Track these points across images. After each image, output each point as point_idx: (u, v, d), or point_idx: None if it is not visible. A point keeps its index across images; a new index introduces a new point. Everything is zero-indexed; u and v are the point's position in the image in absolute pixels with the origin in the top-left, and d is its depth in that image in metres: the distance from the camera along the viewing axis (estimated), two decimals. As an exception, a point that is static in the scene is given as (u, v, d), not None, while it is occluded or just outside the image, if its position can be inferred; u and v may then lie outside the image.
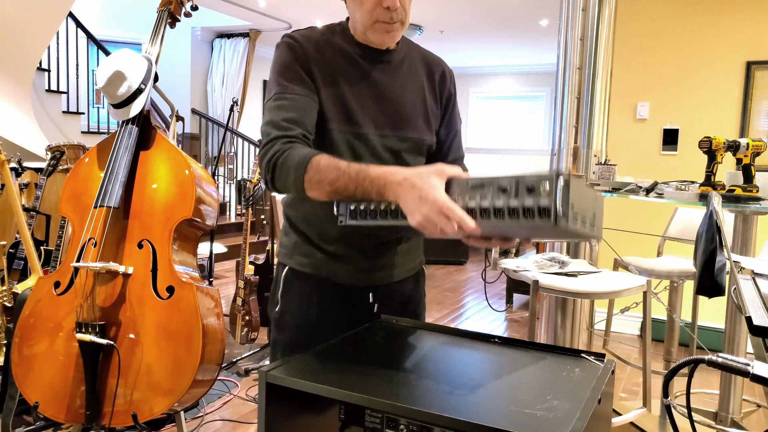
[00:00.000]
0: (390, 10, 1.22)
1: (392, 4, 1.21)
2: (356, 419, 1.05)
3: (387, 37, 1.27)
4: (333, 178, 1.08)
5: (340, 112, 1.25)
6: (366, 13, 1.23)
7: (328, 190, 1.09)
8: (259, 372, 0.96)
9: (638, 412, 2.51)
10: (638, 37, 3.98)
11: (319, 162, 1.10)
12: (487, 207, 0.95)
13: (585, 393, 0.91)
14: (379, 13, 1.22)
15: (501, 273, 2.58)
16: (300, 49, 1.25)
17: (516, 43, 8.04)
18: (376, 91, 1.29)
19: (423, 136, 1.35)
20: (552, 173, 0.89)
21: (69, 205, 2.02)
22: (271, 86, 1.26)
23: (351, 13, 1.28)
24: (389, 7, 1.21)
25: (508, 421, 0.81)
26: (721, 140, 2.29)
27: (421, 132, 1.34)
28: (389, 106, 1.30)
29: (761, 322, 0.87)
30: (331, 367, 1.00)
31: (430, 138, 1.37)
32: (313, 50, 1.26)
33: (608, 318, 3.13)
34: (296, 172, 1.12)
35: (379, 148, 1.28)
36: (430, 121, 1.36)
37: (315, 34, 1.29)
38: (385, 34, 1.26)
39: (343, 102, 1.26)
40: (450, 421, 0.82)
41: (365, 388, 0.92)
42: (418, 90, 1.36)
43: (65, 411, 1.85)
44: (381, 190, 1.04)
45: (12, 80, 4.96)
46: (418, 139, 1.34)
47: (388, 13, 1.22)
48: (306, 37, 1.28)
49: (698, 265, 1.70)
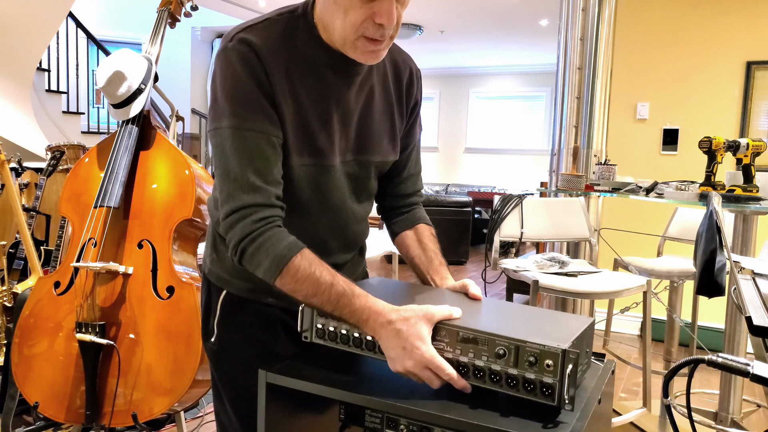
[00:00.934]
0: (383, 27, 0.97)
1: (388, 21, 0.96)
2: (356, 419, 1.05)
3: (370, 56, 1.02)
4: (309, 293, 0.96)
5: (303, 143, 1.05)
6: (350, 25, 0.97)
7: (300, 299, 0.98)
8: (259, 372, 0.96)
9: (638, 412, 2.51)
10: (638, 37, 3.98)
11: (297, 268, 0.96)
12: (482, 367, 0.87)
13: (585, 393, 0.91)
14: (366, 28, 0.97)
15: (501, 273, 2.58)
16: (258, 63, 1.00)
17: (516, 43, 8.05)
18: (342, 114, 1.09)
19: (387, 158, 1.19)
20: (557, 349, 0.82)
21: (69, 205, 2.02)
22: (220, 111, 1.00)
23: (328, 16, 1.01)
24: (383, 24, 0.97)
25: (508, 421, 0.81)
26: (721, 140, 2.29)
27: (385, 154, 1.18)
28: (355, 130, 1.12)
29: (761, 322, 0.87)
30: (331, 367, 1.00)
31: (394, 157, 1.21)
32: (274, 62, 1.01)
33: (608, 318, 3.13)
34: (268, 272, 0.97)
35: (340, 176, 1.11)
36: (395, 140, 1.20)
37: (274, 35, 1.03)
38: (368, 54, 1.02)
39: (307, 131, 1.05)
40: (450, 421, 0.82)
41: (365, 388, 0.92)
42: (386, 105, 1.17)
43: (65, 411, 1.85)
44: (360, 325, 0.93)
45: (12, 80, 4.96)
46: (381, 162, 1.18)
47: (380, 30, 0.98)
48: (266, 43, 1.01)
49: (698, 265, 1.70)
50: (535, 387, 0.83)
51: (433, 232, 1.28)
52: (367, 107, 1.13)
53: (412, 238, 1.25)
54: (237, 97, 0.99)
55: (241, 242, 0.98)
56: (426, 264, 1.21)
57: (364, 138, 1.14)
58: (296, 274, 0.96)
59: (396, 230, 1.28)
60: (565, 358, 0.81)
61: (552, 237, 2.73)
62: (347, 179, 1.13)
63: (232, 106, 0.99)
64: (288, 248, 0.97)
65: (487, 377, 0.87)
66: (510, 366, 0.85)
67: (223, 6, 6.64)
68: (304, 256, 0.97)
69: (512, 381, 0.85)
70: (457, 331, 0.89)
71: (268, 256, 0.96)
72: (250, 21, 1.05)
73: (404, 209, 1.29)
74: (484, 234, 7.91)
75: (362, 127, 1.13)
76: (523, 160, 9.63)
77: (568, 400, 0.81)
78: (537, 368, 0.83)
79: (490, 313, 1.01)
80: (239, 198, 0.98)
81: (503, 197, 2.69)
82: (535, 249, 5.49)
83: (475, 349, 0.87)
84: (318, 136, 1.06)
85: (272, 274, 0.97)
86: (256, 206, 0.98)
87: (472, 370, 0.88)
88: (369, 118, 1.14)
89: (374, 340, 0.94)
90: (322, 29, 1.04)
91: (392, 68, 1.18)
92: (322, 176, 1.08)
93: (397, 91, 1.19)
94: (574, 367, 0.81)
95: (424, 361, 0.88)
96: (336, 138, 1.09)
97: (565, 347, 0.81)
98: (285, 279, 0.96)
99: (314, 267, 0.96)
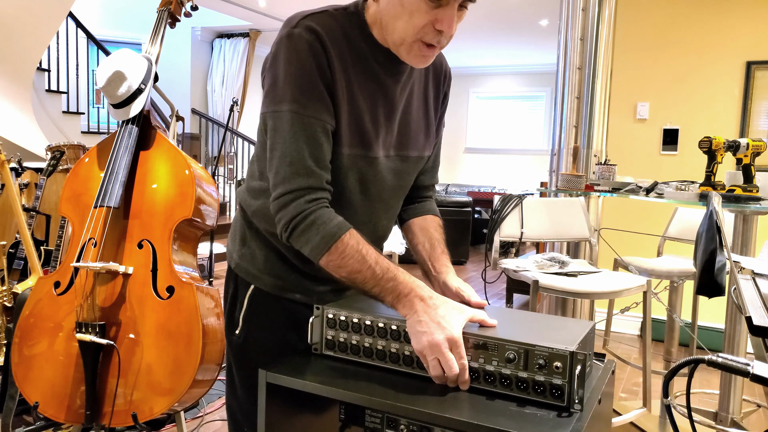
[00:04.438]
0: (441, 34, 1.03)
1: (448, 29, 1.02)
2: (356, 419, 1.05)
3: (421, 61, 1.08)
4: (355, 269, 1.00)
5: (354, 133, 1.10)
6: (412, 28, 1.02)
7: (343, 276, 1.02)
8: (259, 372, 0.96)
9: (638, 412, 2.51)
10: (638, 37, 3.98)
11: (345, 246, 1.00)
12: (492, 372, 0.89)
13: (585, 393, 0.91)
14: (426, 33, 1.03)
15: (501, 273, 2.58)
16: (323, 52, 1.04)
17: (516, 43, 8.05)
18: (388, 109, 1.14)
19: (423, 153, 1.24)
20: (566, 351, 0.84)
21: (69, 205, 2.02)
22: (280, 95, 1.04)
23: (390, 17, 1.05)
24: (442, 31, 1.02)
25: (508, 421, 0.81)
26: (721, 140, 2.29)
27: (422, 149, 1.23)
28: (397, 125, 1.17)
29: (761, 322, 0.87)
30: (331, 367, 1.00)
31: (429, 152, 1.27)
32: (336, 53, 1.05)
33: (608, 318, 3.13)
34: (317, 249, 1.01)
35: (383, 169, 1.16)
36: (430, 136, 1.26)
37: (334, 25, 1.07)
38: (420, 57, 1.07)
39: (358, 122, 1.10)
40: (450, 421, 0.82)
41: (365, 388, 0.92)
42: (423, 102, 1.23)
43: (65, 411, 1.85)
44: (400, 298, 0.97)
45: (12, 80, 4.96)
46: (418, 157, 1.23)
47: (437, 37, 1.03)
48: (328, 31, 1.05)
49: (698, 265, 1.70)
50: (545, 389, 0.86)
51: (440, 224, 1.32)
52: (408, 104, 1.18)
53: (420, 225, 1.30)
54: (299, 83, 1.03)
55: (293, 219, 1.02)
56: (428, 251, 1.25)
57: (405, 134, 1.19)
58: (344, 251, 1.00)
59: (405, 217, 1.32)
60: (573, 360, 0.83)
61: (552, 237, 2.73)
62: (389, 173, 1.18)
63: (294, 92, 1.03)
64: (338, 227, 1.02)
65: (498, 381, 0.89)
66: (520, 369, 0.87)
67: (223, 6, 6.64)
68: (352, 234, 1.02)
69: (522, 384, 0.87)
70: (467, 338, 0.92)
71: (319, 233, 1.01)
72: (310, 10, 1.08)
73: (417, 200, 1.33)
74: (484, 234, 7.90)
75: (403, 123, 1.18)
76: (523, 160, 9.63)
77: (578, 400, 0.83)
78: (546, 371, 0.85)
79: (495, 320, 1.01)
80: (295, 181, 1.02)
81: (503, 197, 2.69)
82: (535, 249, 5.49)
83: (486, 354, 0.90)
84: (367, 128, 1.11)
85: (320, 251, 1.01)
86: (310, 189, 1.03)
87: (483, 375, 0.90)
88: (409, 114, 1.19)
89: (383, 348, 0.97)
90: (376, 28, 1.09)
91: (432, 66, 1.23)
92: (367, 167, 1.13)
93: (435, 88, 1.25)
94: (582, 368, 0.84)
95: (454, 339, 0.91)
96: (381, 131, 1.14)
97: (572, 349, 0.84)
98: (333, 255, 1.01)
99: (361, 245, 1.01)
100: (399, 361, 0.97)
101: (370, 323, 0.98)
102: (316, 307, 1.04)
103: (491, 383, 0.90)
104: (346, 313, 1.01)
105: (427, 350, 0.92)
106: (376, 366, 0.98)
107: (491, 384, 0.90)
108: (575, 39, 3.30)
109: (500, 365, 0.89)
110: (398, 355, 0.97)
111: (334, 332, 1.01)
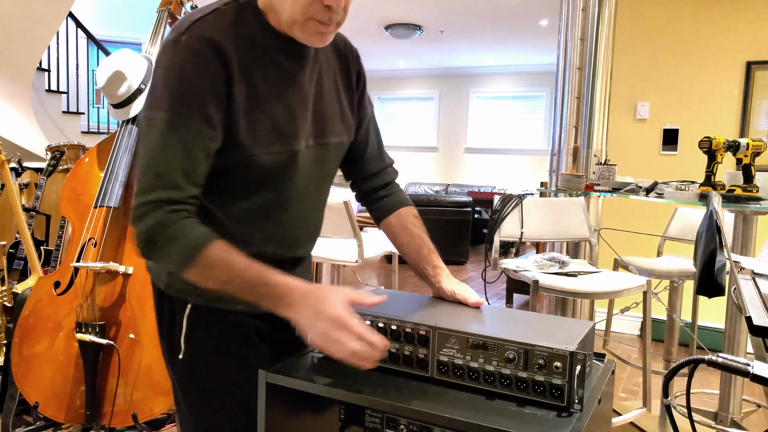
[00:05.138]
0: (331, 10, 1.00)
1: (336, 2, 0.99)
2: (356, 419, 1.05)
3: (318, 39, 1.04)
4: (223, 279, 0.94)
5: (271, 131, 1.04)
6: (300, 6, 0.99)
7: (214, 287, 0.96)
8: (259, 372, 0.96)
9: (638, 412, 2.51)
10: (638, 37, 3.98)
11: (210, 257, 0.94)
12: (492, 372, 0.89)
13: (585, 393, 0.91)
14: (315, 10, 0.99)
15: (501, 273, 2.58)
16: (214, 58, 0.98)
17: (516, 43, 8.05)
18: (300, 96, 1.10)
19: (342, 138, 1.19)
20: (565, 351, 0.84)
21: (69, 205, 2.02)
22: (158, 101, 0.97)
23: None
24: (331, 6, 0.99)
25: (508, 421, 0.81)
26: (721, 140, 2.29)
27: (340, 134, 1.19)
28: (312, 112, 1.12)
29: (761, 322, 0.87)
30: (331, 367, 1.00)
31: (348, 138, 1.22)
32: (233, 53, 1.00)
33: (608, 318, 3.13)
34: (179, 262, 0.95)
35: (305, 161, 1.11)
36: (347, 121, 1.21)
37: (227, 26, 1.01)
38: (316, 35, 1.03)
39: (273, 118, 1.05)
40: (450, 421, 0.82)
41: (365, 388, 0.92)
42: (333, 87, 1.18)
43: (65, 411, 1.85)
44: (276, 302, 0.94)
45: (12, 80, 4.96)
46: (338, 142, 1.18)
47: (328, 13, 1.00)
48: (219, 32, 1.00)
49: (698, 265, 1.70)
50: (544, 389, 0.86)
51: (415, 214, 1.29)
52: (319, 90, 1.14)
53: (397, 224, 1.26)
54: (179, 93, 0.97)
55: (150, 231, 0.95)
56: (416, 252, 1.23)
57: (321, 120, 1.14)
58: (209, 261, 0.94)
59: (379, 216, 1.29)
60: (573, 360, 0.83)
61: (552, 237, 2.73)
62: (311, 163, 1.13)
63: (172, 101, 0.96)
64: (200, 238, 0.95)
65: (498, 381, 0.89)
66: (520, 369, 0.87)
67: (223, 6, 6.63)
68: (216, 244, 0.95)
69: (522, 384, 0.87)
70: (467, 338, 0.91)
71: (180, 244, 0.94)
72: (200, 11, 1.03)
73: (381, 191, 1.30)
74: (484, 234, 7.91)
75: (317, 110, 1.13)
76: (523, 160, 9.63)
77: (578, 400, 0.83)
78: (546, 371, 0.85)
79: (495, 320, 1.01)
80: (156, 192, 0.95)
81: (503, 197, 2.69)
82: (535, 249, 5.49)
83: (485, 354, 0.90)
84: (282, 122, 1.06)
85: (183, 265, 0.94)
86: (171, 201, 0.96)
87: (483, 375, 0.90)
88: (322, 100, 1.15)
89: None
90: (271, 14, 1.05)
91: (334, 49, 1.20)
92: (290, 162, 1.08)
93: (344, 72, 1.21)
94: (582, 368, 0.84)
95: (335, 318, 0.89)
96: (298, 122, 1.09)
97: (572, 349, 0.84)
98: (198, 268, 0.94)
99: (228, 253, 0.95)
100: (399, 361, 0.97)
101: (370, 324, 0.98)
102: None
103: (491, 383, 0.90)
104: None
105: (320, 343, 0.90)
106: (377, 365, 0.98)
107: (491, 384, 0.90)
108: (575, 39, 3.30)
109: (500, 365, 0.89)
110: (398, 355, 0.97)
111: None
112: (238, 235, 1.05)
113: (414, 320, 0.96)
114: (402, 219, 1.27)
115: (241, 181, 1.05)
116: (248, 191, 1.06)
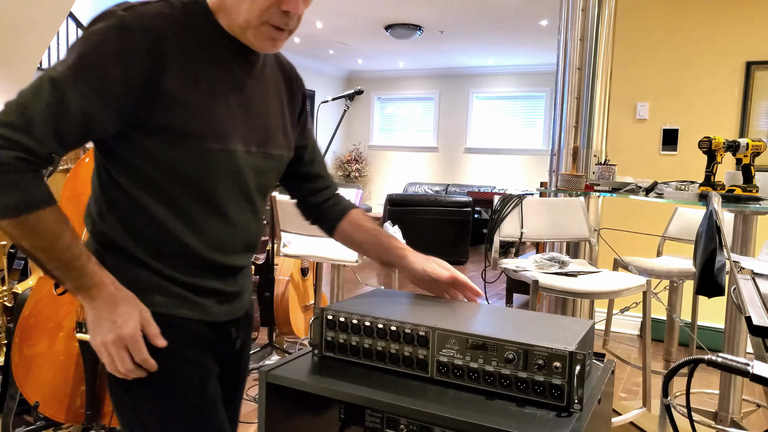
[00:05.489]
0: (287, 16, 1.00)
1: (294, 9, 1.00)
2: (356, 419, 1.05)
3: (270, 45, 1.04)
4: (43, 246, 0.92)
5: (208, 124, 1.02)
6: (257, 9, 0.99)
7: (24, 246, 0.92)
8: (259, 372, 0.96)
9: (638, 412, 2.51)
10: (638, 37, 3.99)
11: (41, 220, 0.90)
12: (492, 372, 0.89)
13: (585, 393, 0.91)
14: (272, 15, 1.00)
15: (501, 273, 2.58)
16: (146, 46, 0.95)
17: (516, 43, 8.05)
18: (243, 99, 1.08)
19: (283, 152, 1.18)
20: (565, 351, 0.84)
21: (69, 205, 2.02)
22: (63, 60, 0.96)
23: (233, 1, 1.01)
24: (288, 12, 1.00)
25: (507, 421, 0.81)
26: (720, 140, 2.29)
27: (282, 148, 1.17)
28: (255, 118, 1.11)
29: (761, 322, 0.87)
30: (331, 367, 1.00)
31: (288, 153, 1.20)
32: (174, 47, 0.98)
33: (608, 318, 3.13)
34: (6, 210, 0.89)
35: (245, 166, 1.08)
36: (288, 137, 1.20)
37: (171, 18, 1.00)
38: (269, 41, 1.03)
39: (210, 111, 1.02)
40: (450, 421, 0.82)
41: (365, 388, 0.92)
42: (278, 98, 1.18)
43: (65, 411, 1.85)
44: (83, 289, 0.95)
45: (12, 80, 4.96)
46: (280, 156, 1.17)
47: (284, 19, 1.01)
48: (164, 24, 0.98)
49: (698, 265, 1.70)
50: (544, 389, 0.86)
51: (363, 211, 1.33)
52: (263, 99, 1.13)
53: (350, 226, 1.29)
54: (87, 58, 0.94)
55: None
56: (376, 245, 1.26)
57: (265, 129, 1.13)
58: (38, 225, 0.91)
59: (332, 225, 1.31)
60: (572, 360, 0.83)
61: (552, 237, 2.73)
62: (252, 171, 1.10)
63: (75, 62, 0.94)
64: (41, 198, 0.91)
65: (497, 381, 0.89)
66: (519, 369, 0.87)
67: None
68: (52, 210, 0.92)
69: (522, 384, 0.87)
70: (467, 338, 0.91)
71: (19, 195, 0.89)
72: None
73: (328, 202, 1.32)
74: (483, 234, 7.91)
75: (262, 119, 1.12)
76: (523, 160, 9.64)
77: (577, 400, 0.83)
78: (546, 371, 0.85)
79: (494, 320, 1.01)
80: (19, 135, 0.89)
81: (503, 197, 2.69)
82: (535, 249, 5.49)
83: (485, 355, 0.90)
84: (220, 117, 1.04)
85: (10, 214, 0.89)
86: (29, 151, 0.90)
87: (482, 375, 0.90)
88: (266, 110, 1.14)
89: (385, 350, 0.97)
90: (222, 14, 1.04)
91: (278, 65, 1.21)
92: (229, 161, 1.05)
93: (288, 90, 1.22)
94: (582, 368, 0.84)
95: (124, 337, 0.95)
96: (237, 122, 1.06)
97: (572, 349, 0.84)
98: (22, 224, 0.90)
99: (58, 225, 0.93)
100: (399, 362, 0.97)
101: (369, 324, 0.98)
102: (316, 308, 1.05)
103: (491, 383, 0.90)
104: (346, 314, 1.01)
105: (97, 347, 0.96)
106: (376, 366, 0.99)
107: (491, 384, 0.90)
108: (575, 39, 3.30)
109: (500, 365, 0.89)
110: (398, 356, 0.97)
111: (334, 333, 1.01)
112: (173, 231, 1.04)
113: (414, 321, 0.96)
114: (354, 219, 1.30)
115: (175, 173, 1.02)
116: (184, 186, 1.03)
